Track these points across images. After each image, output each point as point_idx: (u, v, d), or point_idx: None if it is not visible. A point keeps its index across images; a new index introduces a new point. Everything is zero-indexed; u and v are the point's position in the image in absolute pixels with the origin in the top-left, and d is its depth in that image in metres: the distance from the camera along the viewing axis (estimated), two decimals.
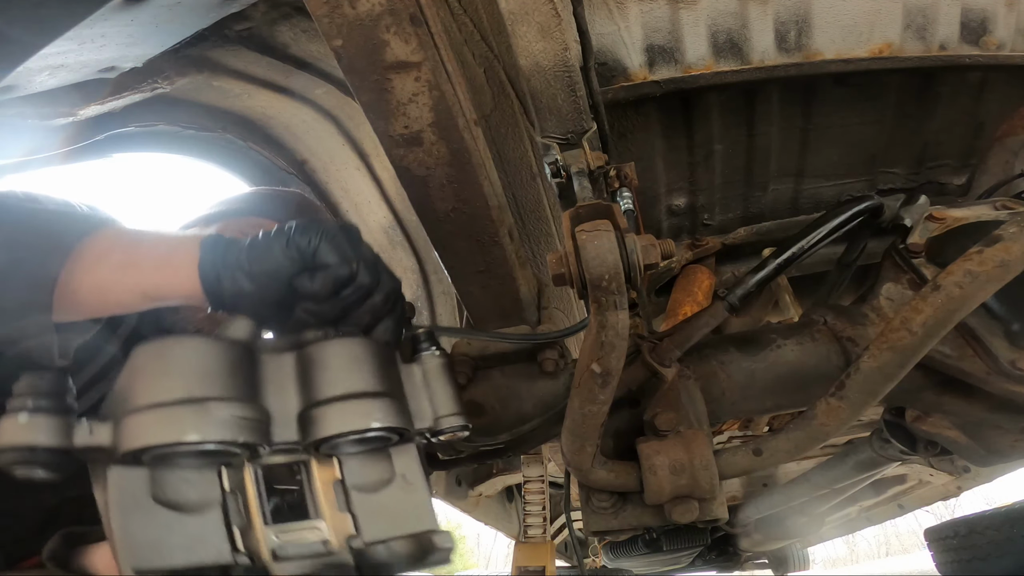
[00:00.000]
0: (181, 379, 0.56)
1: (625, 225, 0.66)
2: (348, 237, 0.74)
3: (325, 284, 0.70)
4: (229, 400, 0.57)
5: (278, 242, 0.70)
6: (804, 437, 0.79)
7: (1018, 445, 0.88)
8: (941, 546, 2.88)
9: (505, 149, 1.20)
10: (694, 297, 1.52)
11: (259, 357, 0.64)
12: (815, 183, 1.57)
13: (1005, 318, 0.81)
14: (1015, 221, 0.68)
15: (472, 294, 0.95)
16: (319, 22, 0.62)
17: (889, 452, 1.29)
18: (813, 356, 0.93)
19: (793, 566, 4.24)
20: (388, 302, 0.75)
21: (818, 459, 1.94)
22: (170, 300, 0.76)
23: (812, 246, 1.04)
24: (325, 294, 0.71)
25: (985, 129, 1.45)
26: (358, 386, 0.63)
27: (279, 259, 0.69)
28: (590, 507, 0.84)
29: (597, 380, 0.71)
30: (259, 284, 0.69)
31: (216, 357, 0.59)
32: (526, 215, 1.30)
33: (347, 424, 0.60)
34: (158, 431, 0.53)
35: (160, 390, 0.55)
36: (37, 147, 1.19)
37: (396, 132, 0.71)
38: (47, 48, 0.86)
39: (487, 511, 3.27)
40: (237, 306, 0.70)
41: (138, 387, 0.56)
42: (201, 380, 0.56)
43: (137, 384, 0.56)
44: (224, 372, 0.58)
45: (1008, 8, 1.28)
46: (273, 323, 0.74)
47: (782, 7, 1.22)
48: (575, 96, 0.96)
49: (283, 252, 0.69)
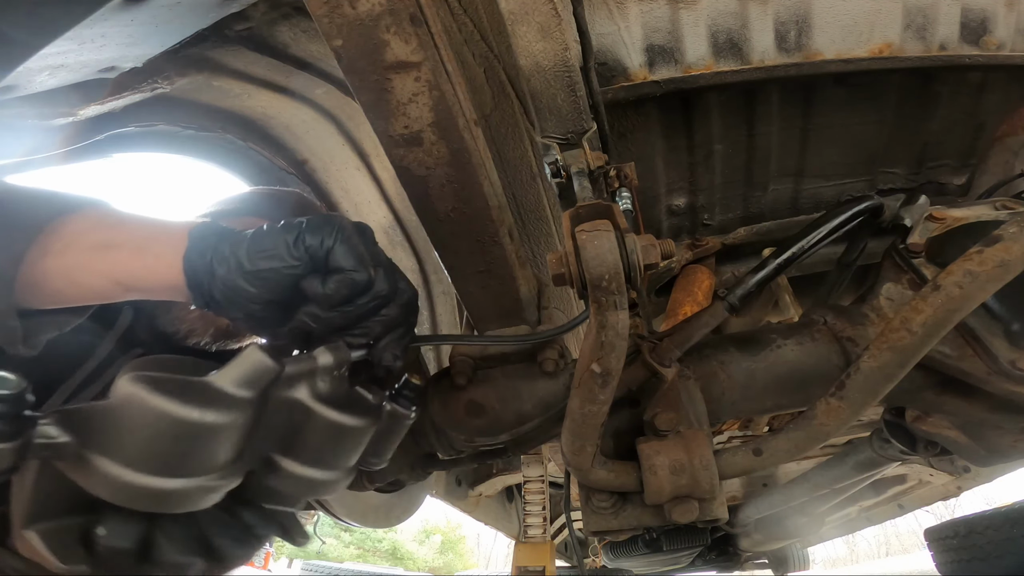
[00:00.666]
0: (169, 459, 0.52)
1: (625, 225, 0.66)
2: (364, 238, 0.68)
3: (339, 290, 0.64)
4: (210, 479, 0.54)
5: (285, 238, 0.63)
6: (804, 437, 0.78)
7: (1018, 445, 0.88)
8: (941, 546, 2.88)
9: (505, 149, 1.20)
10: (694, 297, 1.52)
11: (266, 403, 0.59)
12: (815, 183, 1.57)
13: (1005, 318, 0.81)
14: (1015, 221, 0.68)
15: (472, 294, 0.95)
16: (319, 22, 0.62)
17: (889, 452, 1.29)
18: (813, 356, 0.93)
19: (793, 566, 4.24)
20: (403, 314, 0.70)
21: (818, 459, 1.94)
22: (149, 292, 0.69)
23: (812, 246, 1.04)
24: (338, 300, 0.65)
25: (985, 129, 1.45)
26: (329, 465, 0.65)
27: (285, 258, 0.63)
28: (590, 507, 0.83)
29: (597, 380, 0.71)
30: (258, 284, 0.63)
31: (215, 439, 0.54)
32: (526, 215, 1.30)
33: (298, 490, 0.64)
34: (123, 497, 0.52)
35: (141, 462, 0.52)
36: (37, 147, 1.19)
37: (396, 132, 0.71)
38: (47, 48, 0.86)
39: (487, 511, 3.27)
40: (226, 305, 0.65)
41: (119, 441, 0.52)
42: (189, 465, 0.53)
43: (119, 437, 0.52)
44: (217, 454, 0.54)
45: (1008, 8, 1.28)
46: (265, 327, 0.68)
47: (782, 7, 1.22)
48: (575, 96, 0.96)
49: (290, 250, 0.63)
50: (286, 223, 0.66)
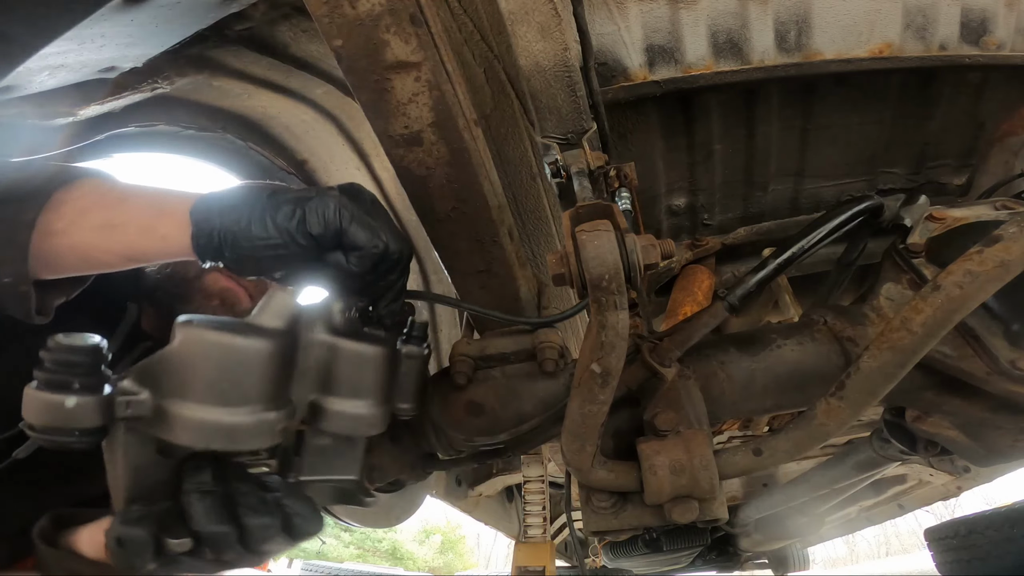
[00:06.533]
0: (228, 387, 0.58)
1: (625, 225, 0.66)
2: (360, 204, 0.70)
3: (363, 264, 0.68)
4: (267, 410, 0.61)
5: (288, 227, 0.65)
6: (804, 437, 0.78)
7: (1018, 445, 0.87)
8: (941, 546, 2.88)
9: (505, 149, 1.20)
10: (694, 297, 1.52)
11: (297, 342, 0.66)
12: (815, 183, 1.57)
13: (1005, 318, 0.81)
14: (1015, 221, 0.68)
15: (472, 294, 0.95)
16: (319, 22, 0.62)
17: (889, 452, 1.29)
18: (813, 356, 0.93)
19: (793, 566, 4.24)
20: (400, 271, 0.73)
21: (818, 459, 1.94)
22: (160, 260, 0.75)
23: (812, 246, 1.04)
24: (364, 271, 0.68)
25: (985, 129, 1.45)
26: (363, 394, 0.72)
27: (290, 245, 0.65)
28: (590, 507, 0.83)
29: (597, 380, 0.70)
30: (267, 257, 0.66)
31: (262, 364, 0.60)
32: (526, 215, 1.30)
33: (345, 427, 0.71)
34: (200, 437, 0.58)
35: (207, 394, 0.58)
36: (37, 147, 1.19)
37: (396, 132, 0.71)
38: (47, 48, 0.86)
39: (487, 511, 3.27)
40: (239, 271, 0.69)
41: (184, 379, 0.58)
42: (245, 390, 0.59)
43: (184, 374, 0.58)
44: (266, 379, 0.61)
45: (1008, 8, 1.28)
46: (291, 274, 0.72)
47: (782, 7, 1.22)
48: (575, 96, 0.96)
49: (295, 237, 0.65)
50: (285, 204, 0.66)
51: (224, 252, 0.67)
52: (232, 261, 0.68)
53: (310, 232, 0.65)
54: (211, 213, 0.68)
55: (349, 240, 0.66)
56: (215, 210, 0.68)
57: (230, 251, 0.67)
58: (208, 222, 0.67)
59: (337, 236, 0.66)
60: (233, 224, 0.66)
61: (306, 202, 0.66)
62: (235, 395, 0.59)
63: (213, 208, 0.68)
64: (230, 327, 0.60)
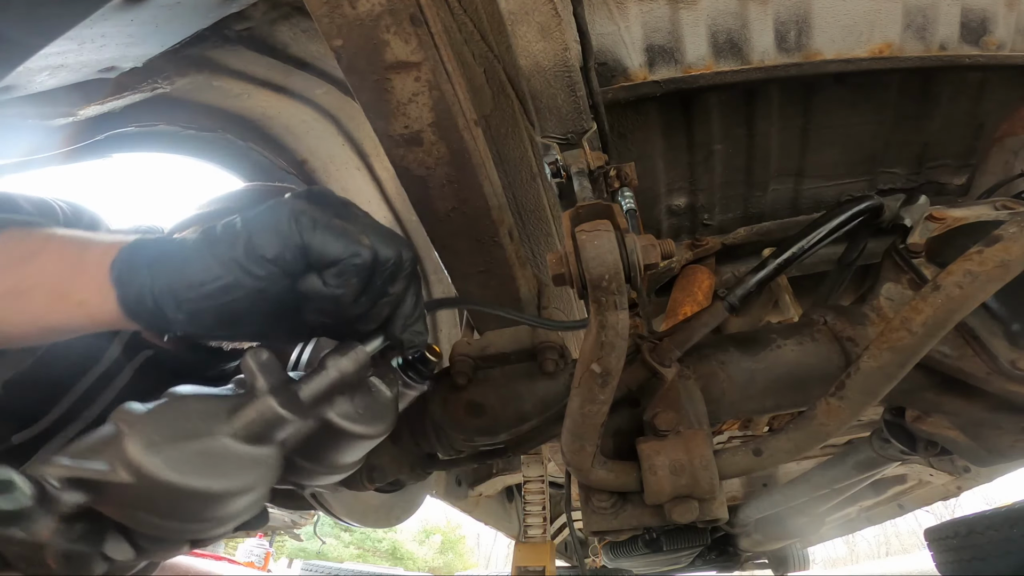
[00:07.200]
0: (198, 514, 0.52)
1: (625, 225, 0.66)
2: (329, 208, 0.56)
3: (347, 280, 0.53)
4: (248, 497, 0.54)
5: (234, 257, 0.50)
6: (804, 437, 0.78)
7: (1018, 445, 0.87)
8: (941, 546, 2.88)
9: (505, 149, 1.20)
10: (694, 297, 1.52)
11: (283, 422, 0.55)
12: (815, 183, 1.57)
13: (1005, 318, 0.81)
14: (1015, 221, 0.68)
15: (472, 294, 0.95)
16: (319, 22, 0.62)
17: (889, 452, 1.29)
18: (813, 356, 0.93)
19: (793, 566, 4.23)
20: (407, 282, 0.60)
21: (818, 459, 1.94)
22: (88, 332, 0.58)
23: (812, 246, 1.04)
24: (352, 294, 0.54)
25: (985, 129, 1.45)
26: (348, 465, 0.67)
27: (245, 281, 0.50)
28: (590, 507, 0.83)
29: (597, 380, 0.70)
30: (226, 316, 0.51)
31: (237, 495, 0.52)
32: (526, 215, 1.30)
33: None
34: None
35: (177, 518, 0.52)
36: (37, 147, 1.19)
37: (396, 132, 0.71)
38: (47, 48, 0.86)
39: (487, 511, 3.27)
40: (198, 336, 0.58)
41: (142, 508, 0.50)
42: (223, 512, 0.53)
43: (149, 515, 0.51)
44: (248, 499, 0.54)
45: (1008, 8, 1.28)
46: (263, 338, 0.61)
47: (782, 7, 1.22)
48: (575, 96, 0.96)
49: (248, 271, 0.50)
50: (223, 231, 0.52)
51: (167, 313, 0.51)
52: (187, 324, 0.52)
53: (264, 256, 0.50)
54: (136, 265, 0.52)
55: (317, 253, 0.51)
56: (141, 260, 0.52)
57: (174, 310, 0.51)
58: (134, 278, 0.51)
59: (302, 252, 0.51)
60: (166, 274, 0.51)
61: (250, 220, 0.52)
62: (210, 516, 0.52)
63: (139, 258, 0.53)
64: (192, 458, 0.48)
